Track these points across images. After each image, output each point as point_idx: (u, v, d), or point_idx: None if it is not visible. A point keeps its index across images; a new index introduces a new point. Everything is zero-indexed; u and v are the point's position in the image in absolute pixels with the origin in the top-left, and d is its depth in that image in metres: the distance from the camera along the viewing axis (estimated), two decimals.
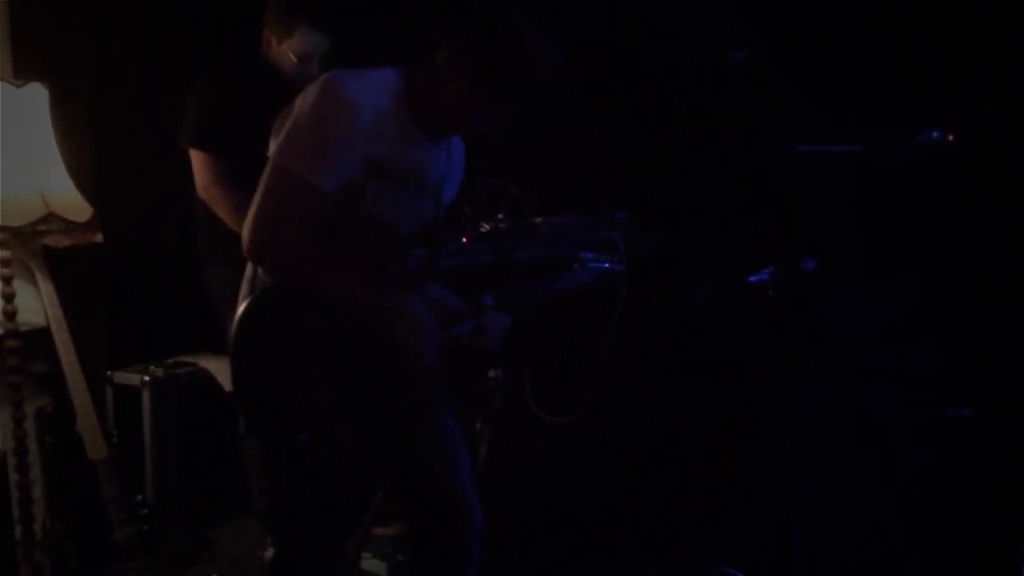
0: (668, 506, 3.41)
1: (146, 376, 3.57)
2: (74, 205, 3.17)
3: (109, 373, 3.64)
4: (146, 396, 3.56)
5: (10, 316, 3.12)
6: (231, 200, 3.20)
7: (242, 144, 3.00)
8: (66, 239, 3.23)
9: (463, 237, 2.83)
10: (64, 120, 3.30)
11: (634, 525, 3.43)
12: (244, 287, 2.12)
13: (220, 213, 3.23)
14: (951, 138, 2.53)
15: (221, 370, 3.62)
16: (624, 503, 3.48)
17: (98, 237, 3.27)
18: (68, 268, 3.41)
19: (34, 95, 3.15)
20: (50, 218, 3.08)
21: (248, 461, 3.62)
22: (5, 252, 3.10)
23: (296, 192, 2.00)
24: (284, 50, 3.27)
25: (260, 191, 2.02)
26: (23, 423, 3.19)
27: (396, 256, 2.21)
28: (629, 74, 3.30)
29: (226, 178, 3.23)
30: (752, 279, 2.71)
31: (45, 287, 3.27)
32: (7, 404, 3.18)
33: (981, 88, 3.11)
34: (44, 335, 3.34)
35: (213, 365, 3.67)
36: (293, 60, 3.27)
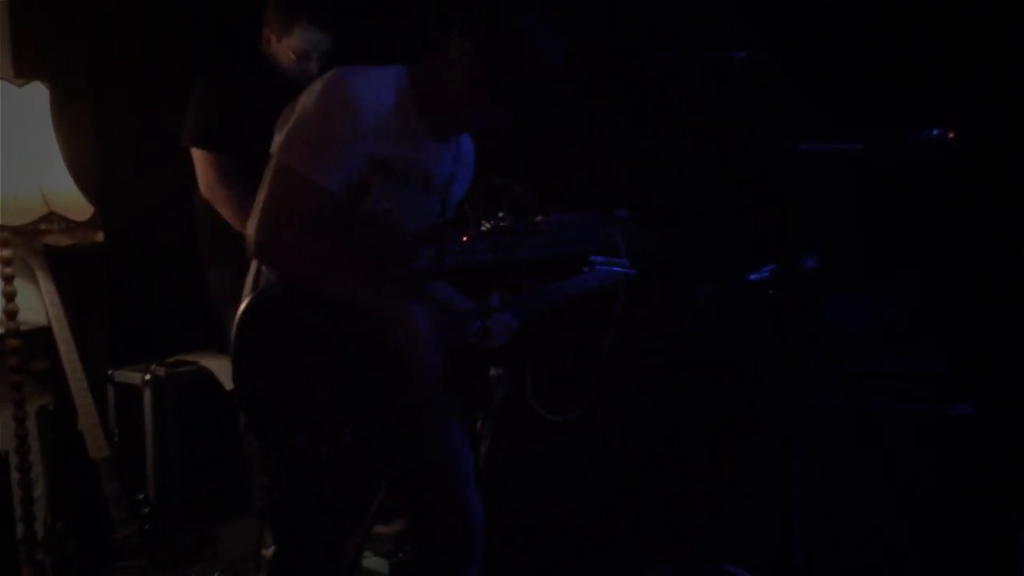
0: (670, 505, 3.40)
1: (147, 375, 3.58)
2: (75, 204, 3.18)
3: (110, 372, 3.65)
4: (147, 395, 3.56)
5: (11, 315, 3.13)
6: (234, 199, 3.20)
7: (244, 142, 2.99)
8: (67, 238, 3.23)
9: (464, 236, 2.83)
10: (65, 119, 3.31)
11: (636, 524, 3.42)
12: (247, 285, 2.11)
13: (223, 212, 3.23)
14: (952, 136, 2.53)
15: (222, 369, 3.62)
16: (626, 502, 3.48)
17: (99, 236, 3.28)
18: (69, 267, 3.42)
19: (35, 94, 3.15)
20: (51, 217, 3.08)
21: (249, 458, 3.62)
22: (6, 251, 3.11)
23: (300, 190, 1.98)
24: (283, 48, 3.27)
25: (264, 190, 2.01)
26: (24, 422, 3.19)
27: (401, 255, 2.19)
28: (629, 74, 3.30)
29: (229, 176, 3.22)
30: (752, 277, 2.71)
31: (46, 286, 3.28)
32: (8, 403, 3.18)
33: (981, 88, 3.11)
34: (45, 334, 3.35)
35: (214, 364, 3.68)
36: (292, 58, 3.26)
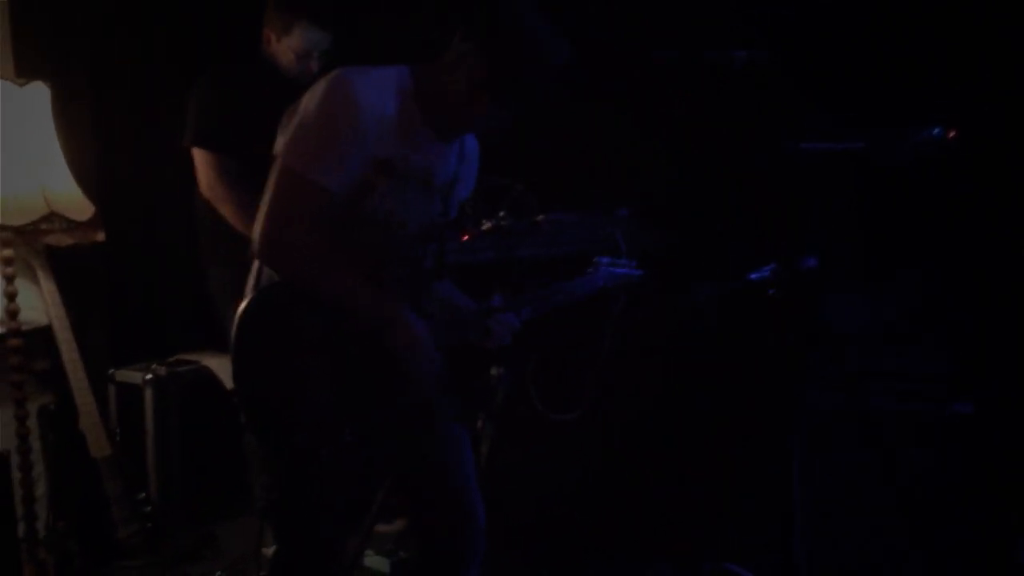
0: (670, 505, 3.40)
1: (148, 374, 3.58)
2: (76, 204, 3.18)
3: (111, 371, 3.66)
4: (148, 394, 3.57)
5: (12, 315, 3.12)
6: (234, 199, 3.20)
7: (244, 142, 3.00)
8: (68, 238, 3.23)
9: (464, 235, 2.83)
10: (66, 119, 3.30)
11: (636, 524, 3.42)
12: (248, 285, 2.11)
13: (223, 212, 3.23)
14: (952, 135, 2.53)
15: (223, 368, 3.62)
16: (626, 502, 3.48)
17: (100, 236, 3.27)
18: (70, 267, 3.42)
19: (36, 94, 3.15)
20: (52, 217, 3.08)
21: (249, 458, 3.62)
22: (7, 251, 3.11)
23: (303, 191, 1.98)
24: (283, 47, 3.27)
25: (268, 191, 2.02)
26: (26, 421, 3.19)
27: (403, 254, 2.19)
28: (629, 74, 3.30)
29: (229, 176, 3.22)
30: (753, 277, 2.71)
31: (47, 286, 3.28)
32: (10, 402, 3.18)
33: (981, 88, 3.10)
34: (46, 333, 3.35)
35: (215, 363, 3.68)
36: (292, 57, 3.26)
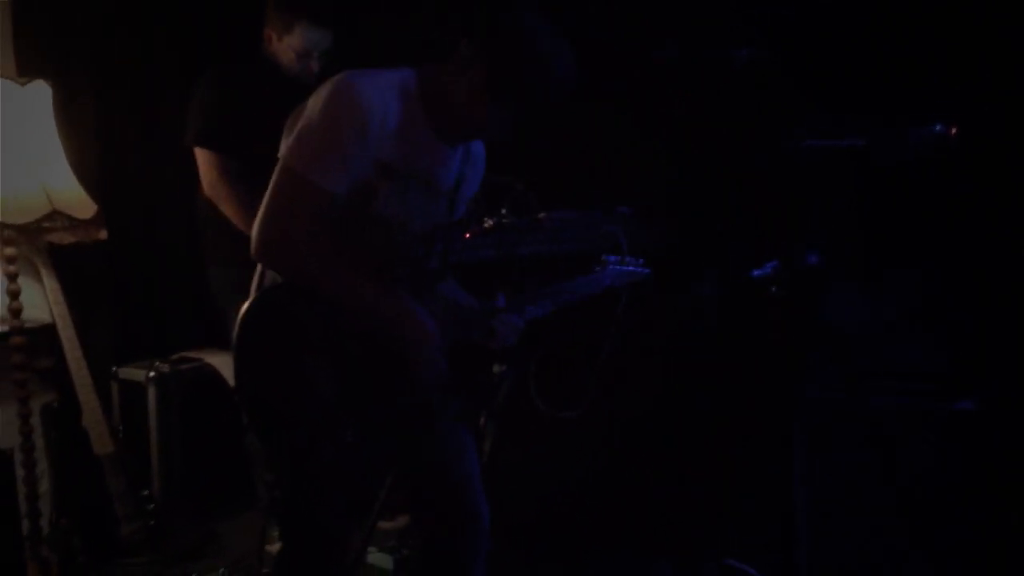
0: (671, 503, 3.40)
1: (151, 372, 3.58)
2: (78, 202, 3.18)
3: (114, 369, 3.66)
4: (151, 392, 3.57)
5: (15, 313, 3.13)
6: (236, 198, 3.20)
7: (246, 142, 3.00)
8: (71, 236, 3.23)
9: (466, 233, 2.83)
10: (68, 118, 3.30)
11: (638, 521, 3.42)
12: (253, 285, 2.12)
13: (226, 211, 3.23)
14: (954, 132, 2.52)
15: (226, 365, 3.63)
16: (628, 499, 3.48)
17: (103, 234, 3.27)
18: (73, 265, 3.42)
19: (37, 93, 3.15)
20: (55, 215, 3.08)
21: (252, 455, 3.63)
22: (10, 249, 3.11)
23: (305, 193, 1.98)
24: (284, 47, 3.27)
25: (270, 192, 2.01)
26: (29, 419, 3.19)
27: (406, 255, 2.19)
28: (630, 72, 3.29)
29: (231, 176, 3.23)
30: (756, 273, 2.71)
31: (50, 284, 3.28)
32: (13, 400, 3.18)
33: (984, 86, 3.09)
34: (49, 331, 3.35)
35: (218, 360, 3.68)
36: (293, 57, 3.26)
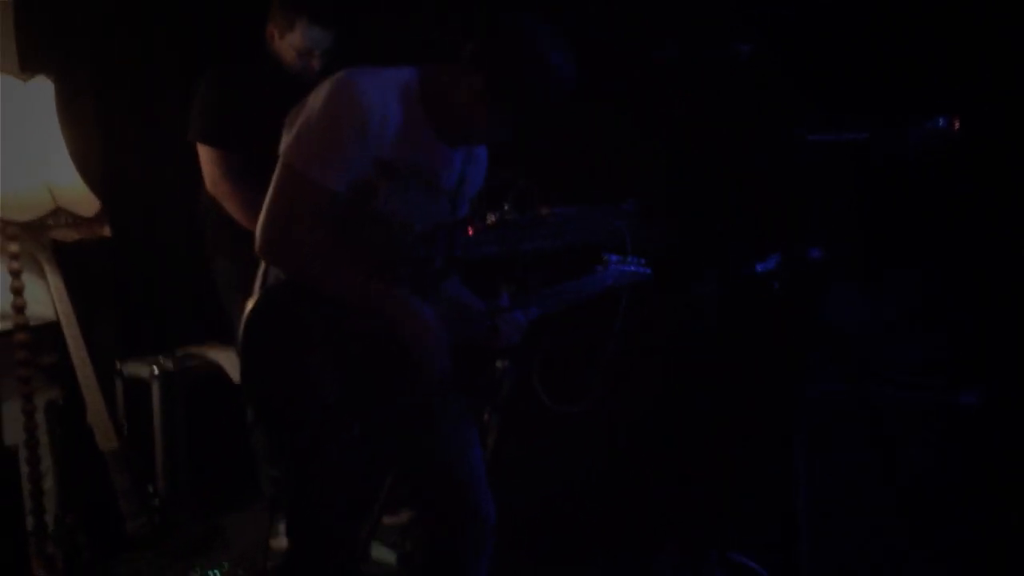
0: (673, 501, 3.40)
1: (155, 368, 3.59)
2: (82, 199, 3.18)
3: (118, 365, 3.66)
4: (155, 388, 3.58)
5: (19, 309, 3.13)
6: (239, 195, 3.20)
7: (248, 138, 3.00)
8: (74, 233, 3.23)
9: (469, 229, 2.83)
10: (70, 115, 3.30)
11: (641, 517, 3.43)
12: (257, 283, 2.12)
13: (229, 208, 3.24)
14: (957, 125, 2.52)
15: (230, 361, 3.64)
16: (631, 495, 3.48)
17: (106, 231, 3.28)
18: (76, 262, 3.42)
19: (40, 89, 3.15)
20: (58, 212, 3.09)
21: (257, 451, 3.64)
22: (14, 246, 3.11)
23: (306, 191, 1.98)
24: (286, 44, 3.26)
25: (271, 190, 2.01)
26: (34, 416, 3.20)
27: (409, 256, 2.18)
28: (633, 69, 3.29)
29: (235, 173, 3.23)
30: (759, 268, 2.71)
31: (54, 281, 3.29)
32: (17, 397, 3.19)
33: (985, 84, 3.09)
34: (53, 328, 3.36)
35: (222, 356, 3.69)
36: (294, 55, 3.26)
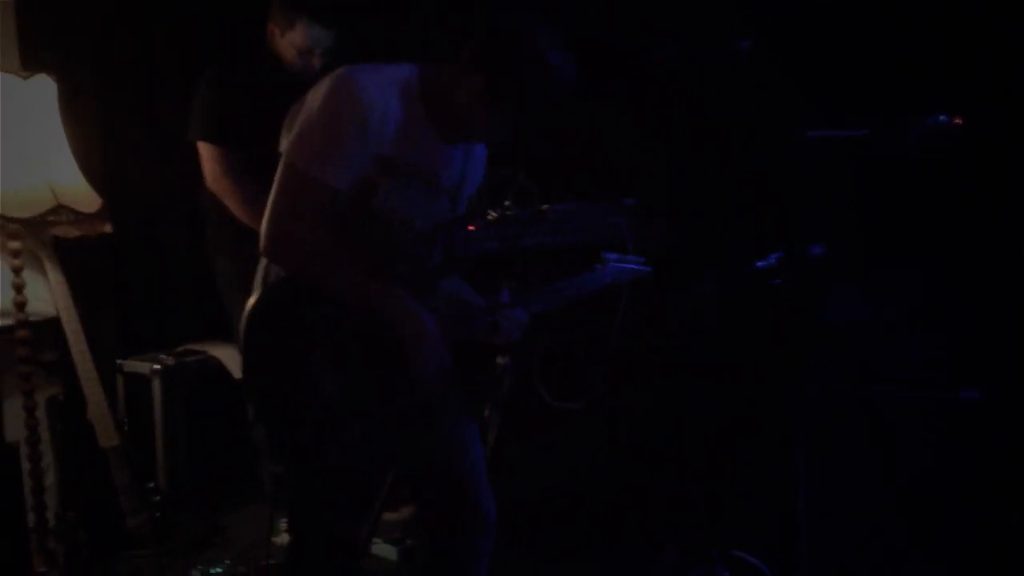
0: (673, 502, 3.40)
1: (156, 365, 3.60)
2: (83, 196, 3.18)
3: (119, 362, 3.67)
4: (156, 384, 3.58)
5: (20, 306, 3.13)
6: (240, 192, 3.21)
7: (249, 136, 3.00)
8: (75, 230, 3.23)
9: (470, 226, 2.83)
10: (72, 112, 3.30)
11: (643, 513, 3.43)
12: (257, 280, 2.12)
13: (230, 205, 3.24)
14: (958, 122, 2.52)
15: (230, 358, 3.64)
16: (631, 493, 3.48)
17: (107, 228, 3.28)
18: (78, 258, 3.42)
19: (41, 87, 3.15)
20: (59, 209, 3.09)
21: (258, 448, 3.64)
22: (15, 243, 3.11)
23: (308, 189, 1.98)
24: (286, 43, 3.27)
25: (274, 189, 2.01)
26: (35, 412, 3.20)
27: (409, 252, 2.18)
28: (634, 66, 3.28)
29: (234, 170, 3.23)
30: (760, 264, 2.71)
31: (55, 277, 3.29)
32: (18, 393, 3.19)
33: (987, 82, 3.08)
34: (54, 325, 3.36)
35: (222, 353, 3.70)
36: (294, 53, 3.26)
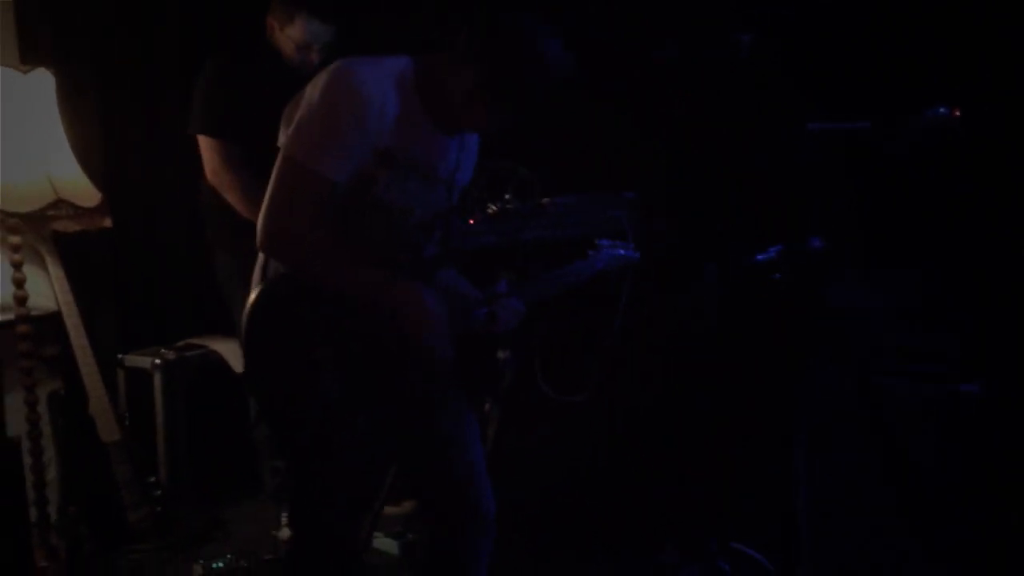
0: (673, 502, 3.40)
1: (157, 359, 3.60)
2: (83, 191, 3.18)
3: (120, 356, 3.67)
4: (157, 379, 3.59)
5: (21, 301, 3.13)
6: (240, 185, 3.21)
7: (249, 129, 3.00)
8: (75, 224, 3.23)
9: (471, 219, 2.83)
10: (71, 107, 3.30)
11: (644, 507, 3.43)
12: (256, 274, 2.12)
13: (229, 198, 3.24)
14: (957, 114, 2.52)
15: (231, 352, 3.64)
16: (632, 488, 3.48)
17: (107, 222, 3.28)
18: (78, 253, 3.42)
19: (40, 81, 3.15)
20: (59, 204, 3.09)
21: (259, 443, 3.65)
22: (15, 238, 3.11)
23: (306, 182, 1.98)
24: (285, 37, 3.27)
25: (272, 183, 2.01)
26: (36, 407, 3.20)
27: (407, 243, 2.18)
28: (635, 63, 3.28)
29: (234, 163, 3.23)
30: (760, 258, 2.71)
31: (55, 272, 3.29)
32: (20, 388, 3.19)
33: (987, 77, 3.07)
34: (55, 319, 3.36)
35: (223, 347, 3.70)
36: (293, 48, 3.26)
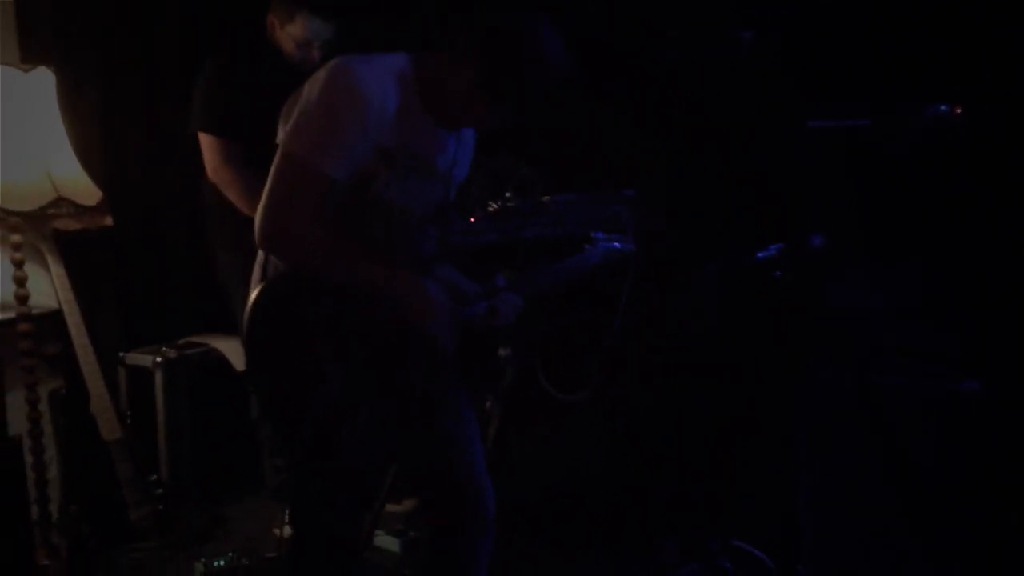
0: (673, 501, 3.40)
1: (158, 357, 3.60)
2: (84, 189, 3.19)
3: (121, 354, 3.67)
4: (159, 377, 3.59)
5: (22, 299, 3.14)
6: (240, 182, 3.21)
7: (249, 127, 3.00)
8: (76, 223, 3.23)
9: (471, 217, 2.83)
10: (72, 105, 3.30)
11: (645, 505, 3.43)
12: (256, 272, 2.12)
13: (230, 195, 3.24)
14: (958, 111, 2.52)
15: (232, 350, 3.64)
16: (634, 488, 3.48)
17: (108, 220, 3.28)
18: (79, 251, 3.42)
19: (41, 80, 3.15)
20: (60, 202, 3.09)
21: (261, 440, 3.65)
22: (16, 236, 3.12)
23: (305, 180, 1.97)
24: (286, 35, 3.27)
25: (270, 180, 2.01)
26: (37, 405, 3.20)
27: (408, 240, 2.19)
28: (635, 61, 3.28)
29: (235, 160, 3.24)
30: (760, 255, 2.71)
31: (56, 270, 3.29)
32: (21, 386, 3.19)
33: (988, 74, 3.07)
34: (56, 318, 3.36)
35: (224, 345, 3.70)
36: (293, 45, 3.26)
